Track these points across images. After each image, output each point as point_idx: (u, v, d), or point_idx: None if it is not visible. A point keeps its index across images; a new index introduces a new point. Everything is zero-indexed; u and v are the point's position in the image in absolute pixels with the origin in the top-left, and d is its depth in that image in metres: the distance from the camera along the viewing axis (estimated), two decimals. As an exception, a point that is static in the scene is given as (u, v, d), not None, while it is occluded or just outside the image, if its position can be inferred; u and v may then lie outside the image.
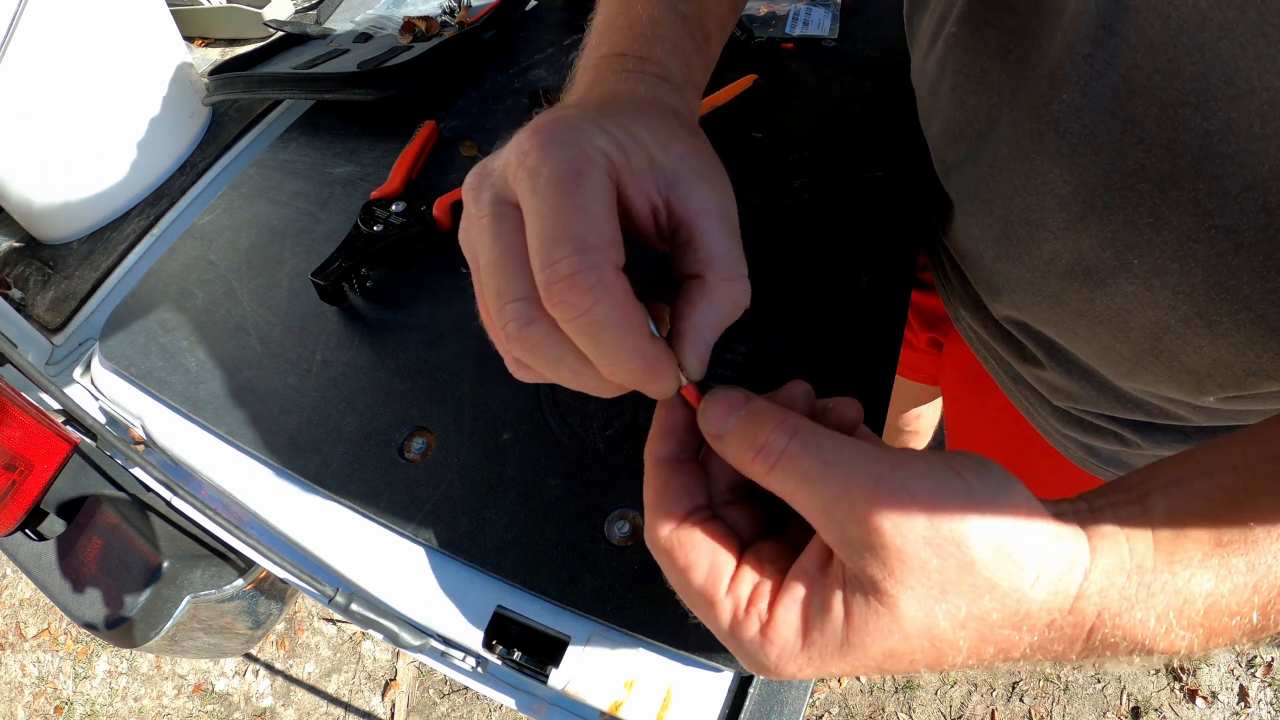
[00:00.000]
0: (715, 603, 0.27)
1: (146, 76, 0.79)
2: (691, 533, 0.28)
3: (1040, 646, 0.24)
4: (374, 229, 0.60)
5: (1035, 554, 0.24)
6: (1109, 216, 0.36)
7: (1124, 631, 0.24)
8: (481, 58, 0.78)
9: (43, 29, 0.68)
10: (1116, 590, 0.24)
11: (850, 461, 0.25)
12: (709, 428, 0.29)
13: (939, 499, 0.24)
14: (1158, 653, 0.24)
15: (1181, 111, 0.30)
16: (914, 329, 0.79)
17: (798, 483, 0.25)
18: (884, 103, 0.65)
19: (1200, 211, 0.32)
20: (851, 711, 1.40)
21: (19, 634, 1.76)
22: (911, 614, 0.23)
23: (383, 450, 0.51)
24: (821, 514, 0.25)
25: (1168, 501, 0.25)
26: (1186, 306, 0.35)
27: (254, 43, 1.36)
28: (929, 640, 0.24)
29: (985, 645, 0.24)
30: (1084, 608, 0.24)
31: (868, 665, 0.25)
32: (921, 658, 0.24)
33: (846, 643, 0.24)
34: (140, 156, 0.78)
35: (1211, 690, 1.34)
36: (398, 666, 1.57)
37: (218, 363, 0.58)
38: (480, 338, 0.56)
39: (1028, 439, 0.63)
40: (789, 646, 0.25)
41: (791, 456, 0.25)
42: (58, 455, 0.57)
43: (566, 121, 0.27)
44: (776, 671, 0.26)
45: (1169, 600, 0.23)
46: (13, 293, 0.72)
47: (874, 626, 0.24)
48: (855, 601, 0.24)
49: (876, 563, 0.23)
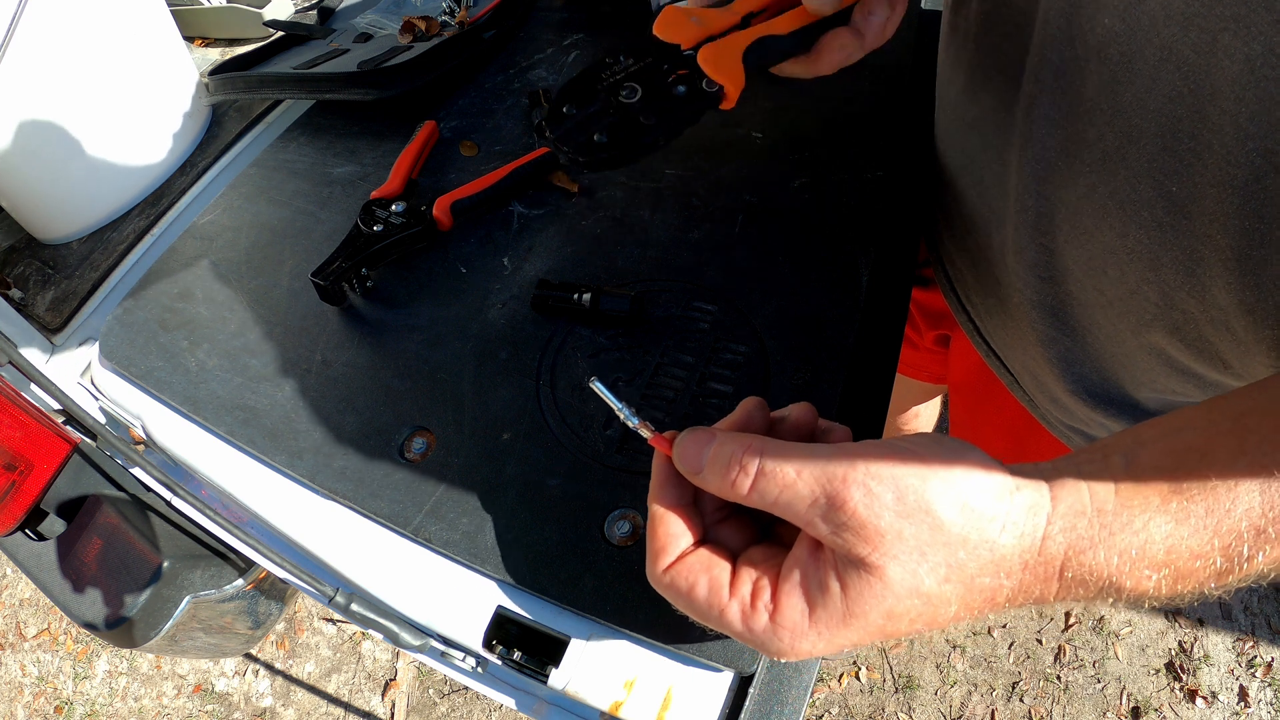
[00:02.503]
0: (723, 607, 0.30)
1: (146, 76, 0.79)
2: (686, 563, 0.32)
3: (1021, 590, 0.27)
4: (374, 229, 0.60)
5: (998, 505, 0.27)
6: (1146, 144, 0.36)
7: (1090, 569, 0.26)
8: (481, 58, 0.78)
9: (43, 29, 0.68)
10: (1078, 531, 0.26)
11: (816, 464, 0.28)
12: (685, 467, 0.32)
13: (899, 476, 0.27)
14: (1128, 593, 0.26)
15: (1222, 38, 0.30)
16: (918, 328, 0.79)
17: (777, 493, 0.29)
18: (884, 102, 0.65)
19: (1242, 134, 0.31)
20: (851, 711, 1.40)
21: (19, 634, 1.76)
22: (899, 577, 0.27)
23: (383, 450, 0.51)
24: (804, 514, 0.28)
25: (1129, 457, 0.28)
26: (1221, 236, 0.35)
27: (254, 43, 1.36)
28: (919, 598, 0.27)
29: (971, 595, 0.27)
30: (1051, 549, 0.26)
31: (871, 630, 0.28)
32: (918, 615, 0.27)
33: (848, 612, 0.27)
34: (140, 156, 0.78)
35: (1211, 690, 1.34)
36: (398, 666, 1.57)
37: (218, 363, 0.58)
38: (480, 338, 0.56)
39: (1033, 433, 0.63)
40: (798, 627, 0.28)
41: (765, 474, 0.29)
42: (58, 455, 0.57)
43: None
44: (793, 651, 0.29)
45: (1129, 540, 0.26)
46: (13, 293, 0.72)
47: (869, 594, 0.27)
48: (849, 575, 0.27)
49: (860, 541, 0.27)
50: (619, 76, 0.42)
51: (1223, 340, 0.40)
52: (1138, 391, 0.51)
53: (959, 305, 0.64)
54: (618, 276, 0.57)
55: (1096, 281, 0.45)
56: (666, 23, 0.44)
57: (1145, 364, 0.47)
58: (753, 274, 0.56)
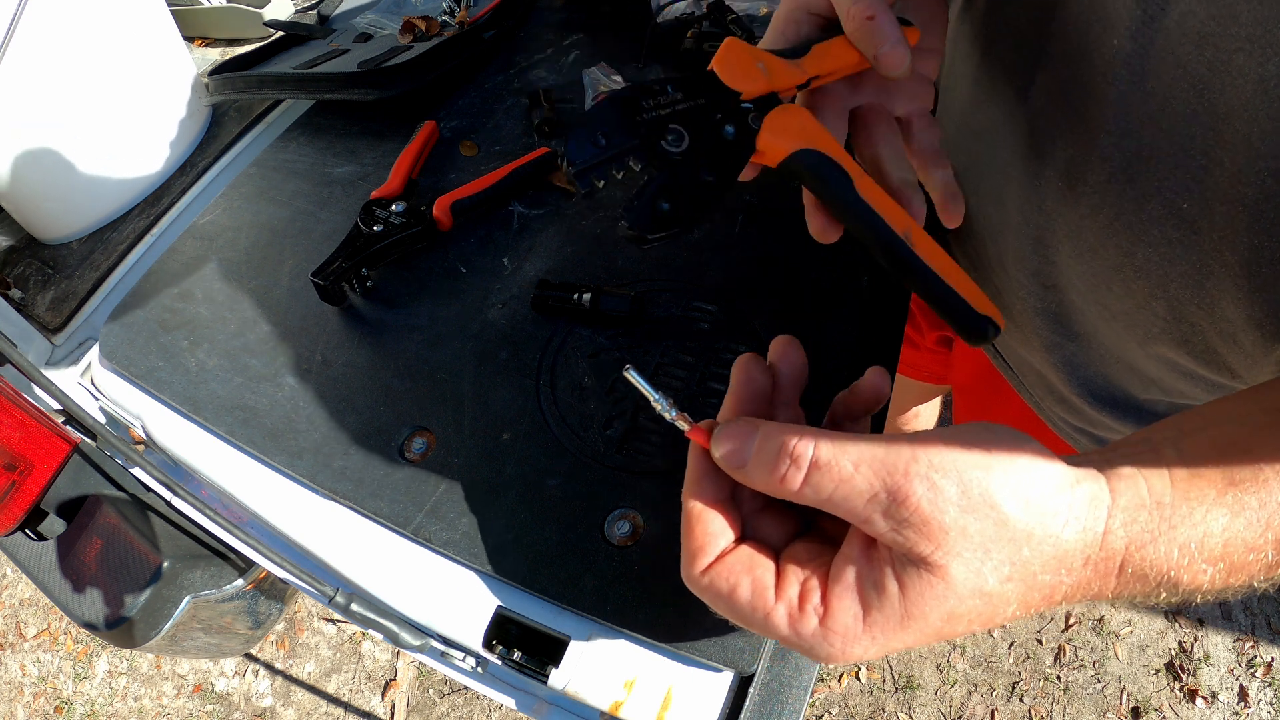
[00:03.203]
0: (768, 611, 0.28)
1: (146, 76, 0.79)
2: (726, 563, 0.29)
3: (1079, 586, 0.26)
4: (374, 229, 0.60)
5: (1060, 500, 0.26)
6: (1156, 163, 0.36)
7: (1150, 563, 0.25)
8: (481, 58, 0.78)
9: (43, 29, 0.68)
10: (1139, 525, 0.25)
11: (875, 456, 0.26)
12: (729, 463, 0.30)
13: (963, 469, 0.26)
14: (1183, 588, 0.25)
15: (1236, 57, 0.30)
16: (920, 329, 0.79)
17: (833, 489, 0.27)
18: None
19: (1254, 153, 0.31)
20: (851, 711, 1.40)
21: (19, 634, 1.76)
22: (962, 577, 0.25)
23: (383, 450, 0.51)
24: (861, 510, 0.26)
25: (1178, 448, 0.27)
26: (1229, 252, 0.35)
27: (254, 43, 1.36)
28: (981, 599, 0.25)
29: (1031, 594, 0.26)
30: (1113, 543, 0.25)
31: (928, 633, 0.26)
32: (976, 616, 0.26)
33: (906, 615, 0.26)
34: (140, 156, 0.78)
35: (1211, 690, 1.34)
36: (398, 666, 1.57)
37: (218, 363, 0.58)
38: (480, 338, 0.56)
39: (1039, 435, 0.63)
40: (851, 631, 0.27)
41: (818, 468, 0.27)
42: (58, 455, 0.57)
43: None
44: (844, 656, 0.27)
45: (1189, 533, 0.25)
46: (13, 293, 0.72)
47: (930, 595, 0.25)
48: (908, 575, 0.26)
49: (922, 539, 0.25)
50: (665, 112, 0.35)
51: (1231, 353, 0.40)
52: (1146, 393, 0.50)
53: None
54: (618, 276, 0.57)
55: (1101, 296, 0.44)
56: (729, 63, 0.36)
57: (1153, 370, 0.47)
58: (753, 274, 0.56)
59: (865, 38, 0.35)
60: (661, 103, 0.35)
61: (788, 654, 0.41)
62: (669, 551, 0.44)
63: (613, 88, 0.71)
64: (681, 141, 0.35)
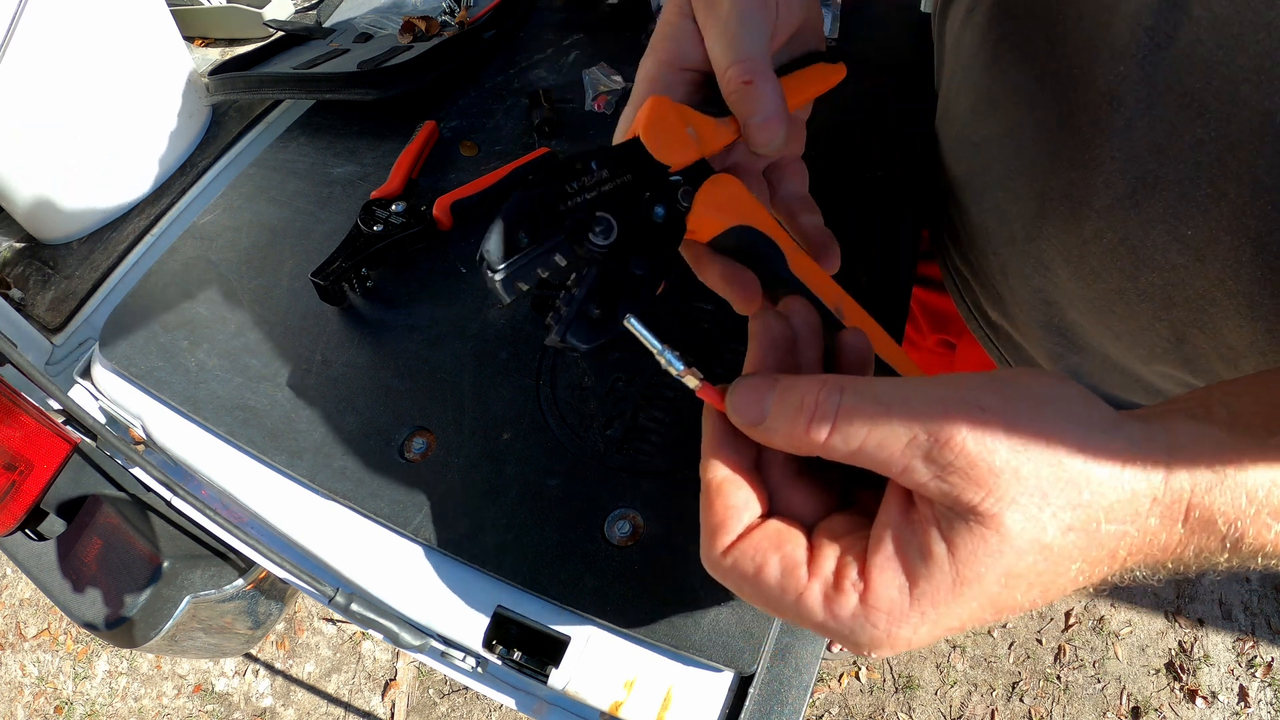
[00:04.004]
0: (801, 591, 0.24)
1: (147, 76, 0.79)
2: (752, 539, 0.26)
3: (1144, 539, 0.23)
4: (374, 229, 0.60)
5: (1117, 435, 0.23)
6: (1163, 190, 0.35)
7: (1219, 509, 0.22)
8: (481, 58, 0.78)
9: (43, 29, 0.68)
10: (1203, 464, 0.22)
11: (908, 396, 0.24)
12: (745, 419, 0.27)
13: (1009, 404, 0.23)
14: (1248, 546, 0.23)
15: (1243, 88, 0.30)
16: (922, 330, 0.78)
17: (866, 434, 0.24)
18: (884, 103, 0.65)
19: (1259, 186, 0.31)
20: (851, 711, 1.40)
21: (19, 634, 1.76)
22: (1019, 527, 0.22)
23: (383, 450, 0.51)
24: (899, 456, 0.23)
25: (1228, 406, 0.24)
26: (1233, 282, 0.35)
27: (254, 43, 1.36)
28: (1042, 554, 0.22)
29: (1094, 548, 0.23)
30: (1177, 484, 0.22)
31: (985, 602, 0.23)
32: (1037, 578, 0.23)
33: (958, 579, 0.22)
34: (140, 156, 0.78)
35: (1211, 690, 1.34)
36: (398, 666, 1.57)
37: (218, 363, 0.58)
38: (480, 338, 0.56)
39: None
40: (897, 607, 0.23)
41: (850, 411, 0.24)
42: (58, 455, 0.57)
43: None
44: (889, 641, 0.23)
45: (1256, 478, 0.22)
46: (13, 293, 0.72)
47: (983, 551, 0.22)
48: (956, 531, 0.22)
49: (970, 485, 0.22)
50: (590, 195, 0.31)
51: (1234, 376, 0.40)
52: (1151, 402, 0.51)
53: (969, 313, 0.63)
54: (618, 276, 0.57)
55: (1104, 318, 0.44)
56: (658, 129, 0.32)
57: (1158, 383, 0.47)
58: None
59: (740, 104, 0.32)
60: (587, 184, 0.31)
61: (788, 654, 0.41)
62: (669, 551, 0.44)
63: (613, 88, 0.71)
64: (610, 233, 0.31)
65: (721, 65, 0.32)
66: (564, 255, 0.29)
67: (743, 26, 0.31)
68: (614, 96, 0.71)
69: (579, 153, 0.31)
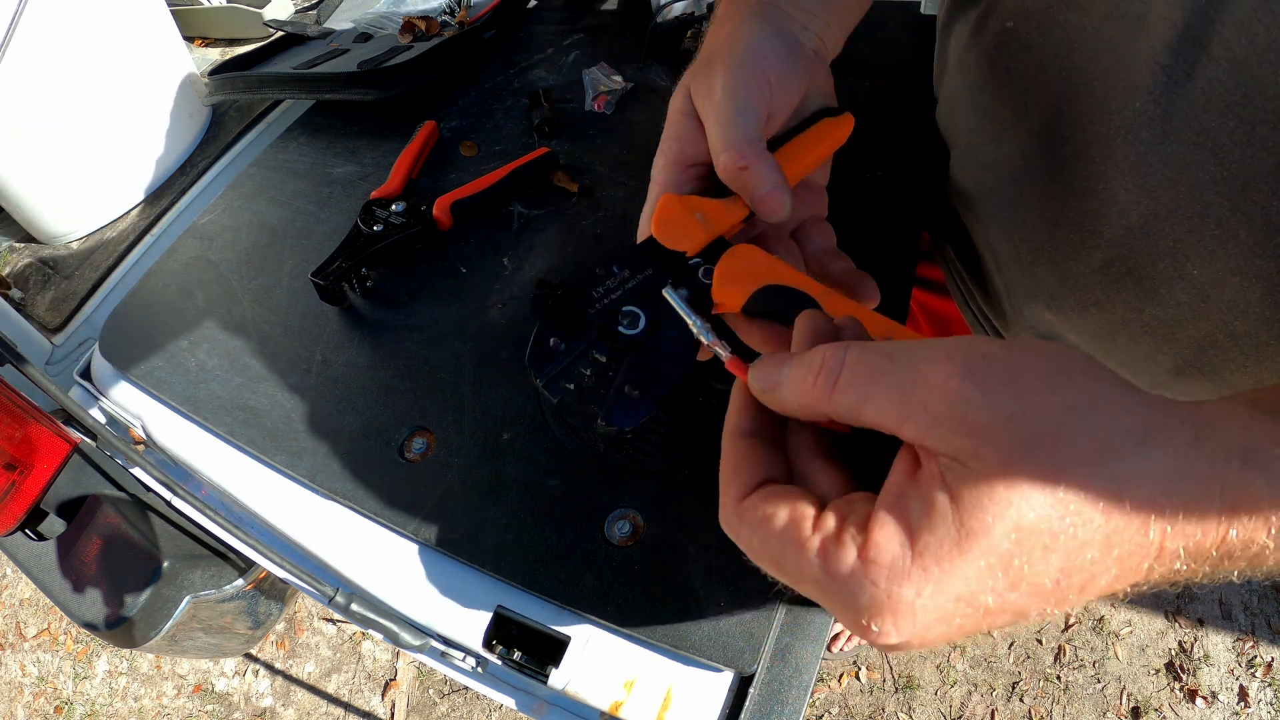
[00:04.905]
0: (802, 541, 0.24)
1: (147, 76, 0.79)
2: (764, 491, 0.26)
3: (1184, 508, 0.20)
4: (374, 229, 0.60)
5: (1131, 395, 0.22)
6: (1172, 225, 0.35)
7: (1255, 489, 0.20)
8: (481, 58, 0.78)
9: (43, 29, 0.68)
10: (1232, 436, 0.21)
11: (912, 349, 0.24)
12: (761, 387, 0.27)
13: (1013, 355, 0.22)
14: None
15: (1260, 129, 0.30)
16: (921, 330, 0.78)
17: (868, 384, 0.24)
18: (884, 103, 0.65)
19: (1272, 228, 0.31)
20: (851, 711, 1.40)
21: (19, 634, 1.76)
22: (1026, 471, 0.21)
23: (383, 450, 0.51)
24: (900, 407, 0.23)
25: (1252, 402, 0.23)
26: (1240, 323, 0.35)
27: (254, 43, 1.36)
28: (1056, 506, 0.20)
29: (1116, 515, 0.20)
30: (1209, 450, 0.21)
31: (997, 559, 0.21)
32: (1054, 538, 0.21)
33: (963, 530, 0.21)
34: (140, 156, 0.78)
35: (1211, 690, 1.34)
36: (398, 666, 1.57)
37: (218, 363, 0.58)
38: (480, 338, 0.56)
39: None
40: (897, 562, 0.22)
41: (854, 363, 0.24)
42: (58, 455, 0.57)
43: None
44: (890, 602, 0.22)
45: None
46: (13, 293, 0.72)
47: (988, 500, 0.21)
48: (960, 483, 0.21)
49: (975, 432, 0.21)
50: (615, 296, 0.34)
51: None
52: None
53: (974, 320, 0.63)
54: (618, 276, 0.57)
55: (1105, 346, 0.44)
56: (667, 222, 0.35)
57: None
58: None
59: (740, 188, 0.34)
60: (611, 287, 0.35)
61: (788, 654, 0.41)
62: (669, 551, 0.44)
63: (613, 88, 0.71)
64: (638, 322, 0.34)
65: (717, 154, 0.34)
66: (600, 352, 0.34)
67: (734, 113, 0.33)
68: (614, 96, 0.71)
69: (603, 261, 0.34)
